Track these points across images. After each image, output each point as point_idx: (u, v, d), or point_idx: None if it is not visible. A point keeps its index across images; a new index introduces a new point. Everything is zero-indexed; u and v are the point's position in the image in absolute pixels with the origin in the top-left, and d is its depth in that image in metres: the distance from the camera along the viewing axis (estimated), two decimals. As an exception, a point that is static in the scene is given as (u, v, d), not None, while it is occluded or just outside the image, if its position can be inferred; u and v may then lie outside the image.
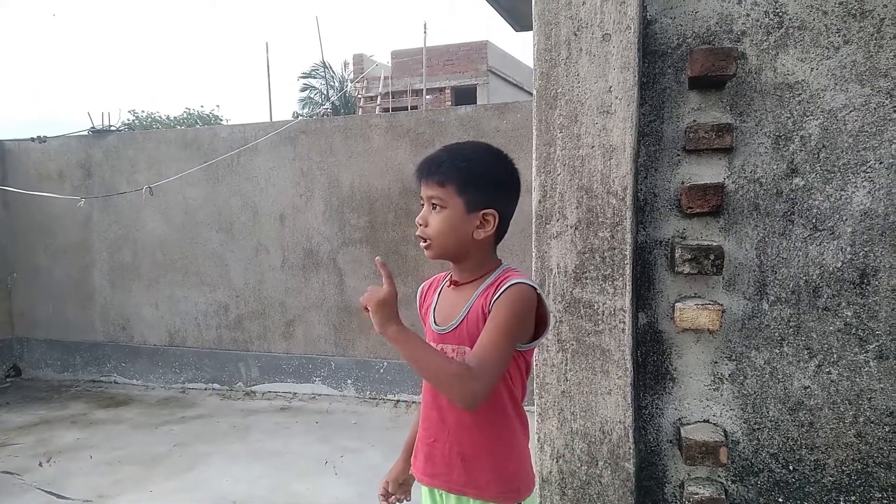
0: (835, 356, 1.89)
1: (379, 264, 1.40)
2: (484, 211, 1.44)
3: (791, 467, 1.96)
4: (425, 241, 1.45)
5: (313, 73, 27.40)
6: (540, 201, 1.95)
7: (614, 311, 1.91)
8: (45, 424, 4.29)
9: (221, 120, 26.13)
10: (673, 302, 2.00)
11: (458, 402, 1.33)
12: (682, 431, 1.98)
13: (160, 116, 24.81)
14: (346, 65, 33.71)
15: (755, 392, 1.97)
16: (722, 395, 2.00)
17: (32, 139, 5.39)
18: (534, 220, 1.98)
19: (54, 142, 5.39)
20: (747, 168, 1.93)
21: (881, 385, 1.86)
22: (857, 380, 1.88)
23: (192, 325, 4.95)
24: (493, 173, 1.48)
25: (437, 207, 1.44)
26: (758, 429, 1.98)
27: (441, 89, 18.46)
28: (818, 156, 1.86)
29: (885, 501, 1.88)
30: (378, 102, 18.98)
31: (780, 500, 1.97)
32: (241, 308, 4.80)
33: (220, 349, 4.92)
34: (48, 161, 5.38)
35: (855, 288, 1.86)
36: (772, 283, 1.93)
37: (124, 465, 3.33)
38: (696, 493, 1.92)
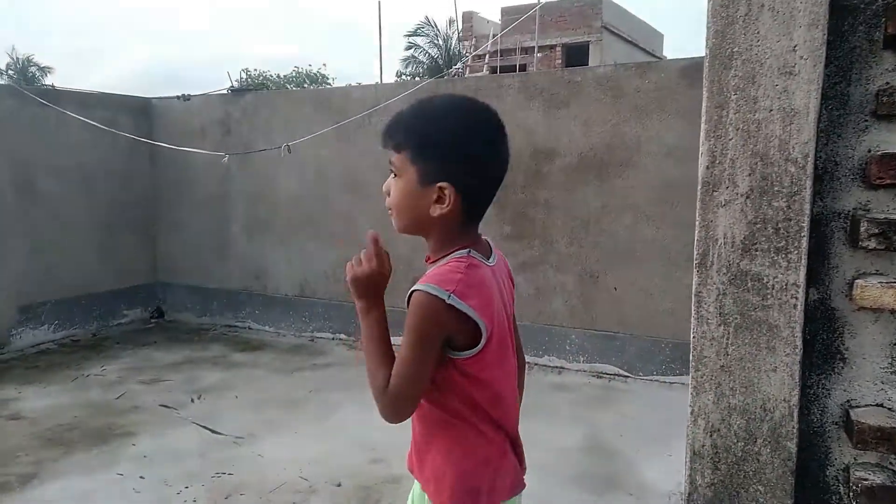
0: None
1: (370, 239, 1.36)
2: (439, 184, 1.27)
3: (978, 461, 1.87)
4: (390, 210, 1.38)
5: (418, 31, 27.56)
6: (707, 167, 1.93)
7: (786, 285, 1.88)
8: (190, 364, 4.81)
9: (328, 79, 27.00)
10: (850, 278, 1.93)
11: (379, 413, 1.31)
12: (851, 414, 1.94)
13: (271, 76, 25.93)
14: (450, 22, 33.82)
15: (941, 378, 1.88)
16: (900, 380, 1.93)
17: (177, 97, 5.90)
18: (699, 188, 1.97)
19: (196, 100, 5.86)
20: (950, 135, 1.80)
21: None
22: None
23: (322, 278, 5.31)
24: (454, 138, 1.26)
25: (395, 175, 1.33)
26: (940, 418, 1.89)
27: (552, 47, 17.98)
28: None
29: None
30: (486, 61, 18.80)
31: (962, 494, 1.89)
32: (367, 265, 5.07)
33: (347, 302, 5.25)
34: (191, 118, 5.87)
35: None
36: (970, 263, 1.82)
37: (268, 406, 3.71)
38: (866, 480, 1.88)
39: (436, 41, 27.89)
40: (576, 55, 17.99)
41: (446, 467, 1.35)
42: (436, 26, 27.64)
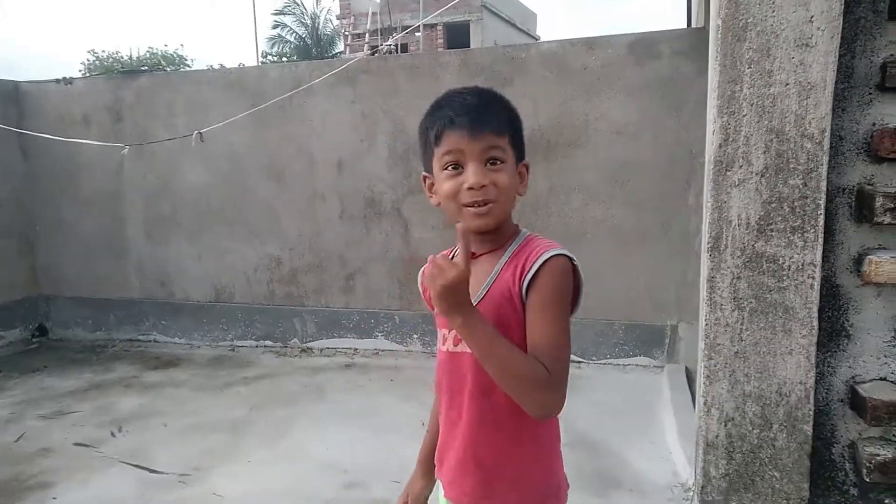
0: None
1: (461, 232, 1.11)
2: (522, 164, 1.26)
3: (976, 427, 1.96)
4: (488, 207, 1.17)
5: (285, 10, 26.96)
6: (720, 146, 1.88)
7: (802, 265, 1.87)
8: (96, 389, 4.30)
9: (187, 60, 25.78)
10: (855, 254, 1.96)
11: (533, 412, 1.12)
12: (860, 390, 1.97)
13: (123, 57, 24.17)
14: (318, 0, 33.62)
15: (941, 349, 1.96)
16: (903, 353, 1.98)
17: (57, 81, 5.24)
18: (711, 167, 1.92)
19: (79, 84, 5.24)
20: (950, 107, 1.85)
21: None
22: None
23: (241, 279, 4.94)
24: (519, 118, 1.28)
25: (498, 162, 1.18)
26: (941, 387, 1.97)
27: (433, 26, 18.05)
28: None
29: None
30: (367, 40, 18.75)
31: (962, 460, 1.98)
32: (295, 261, 4.77)
33: (272, 305, 4.93)
34: (71, 104, 5.24)
35: None
36: (969, 233, 1.89)
37: (206, 432, 3.35)
38: (878, 455, 1.92)
39: (303, 20, 27.44)
40: (457, 35, 18.15)
41: (536, 468, 1.26)
42: (302, 5, 27.25)
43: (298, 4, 27.31)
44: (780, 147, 1.84)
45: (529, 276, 1.15)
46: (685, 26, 4.72)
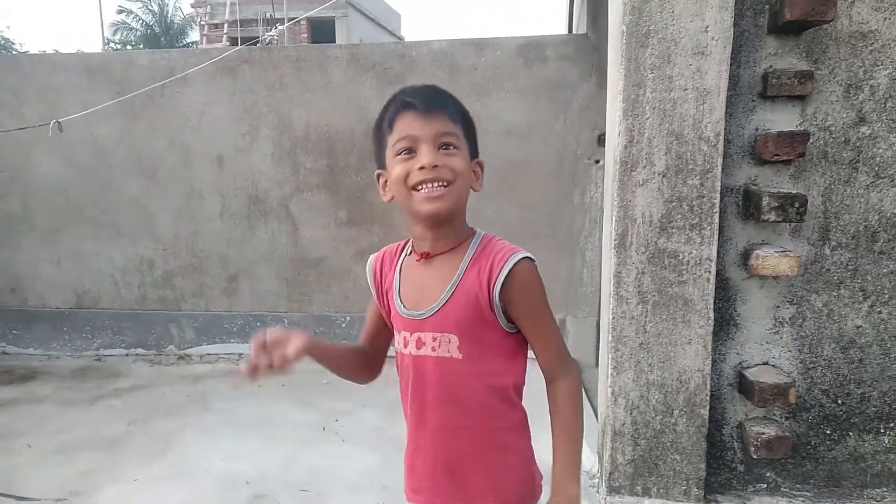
0: (886, 296, 2.11)
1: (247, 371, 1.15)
2: (476, 161, 1.22)
3: (840, 401, 2.19)
4: (444, 189, 1.13)
5: None
6: (626, 147, 1.96)
7: (700, 260, 1.99)
8: (-65, 410, 3.75)
9: (15, 45, 23.46)
10: (742, 249, 2.12)
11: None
12: (748, 375, 2.14)
13: None
14: None
15: (812, 333, 2.16)
16: (781, 339, 2.17)
17: None
18: (616, 167, 1.99)
19: None
20: (819, 116, 2.05)
21: (924, 322, 2.11)
22: (904, 318, 2.12)
23: (108, 283, 4.49)
24: (471, 120, 1.25)
25: (451, 147, 1.15)
26: (812, 367, 2.18)
27: (295, 19, 17.71)
28: (885, 105, 2.02)
29: (919, 426, 2.17)
30: (226, 31, 18.11)
31: (828, 432, 2.21)
32: (170, 263, 4.42)
33: (143, 309, 4.53)
34: None
35: (909, 232, 2.07)
36: (834, 229, 2.10)
37: (80, 451, 2.99)
38: (763, 433, 2.10)
39: (150, 7, 25.96)
40: (321, 30, 17.83)
41: (510, 472, 1.25)
42: None
43: None
44: (679, 149, 1.94)
45: (500, 283, 1.14)
46: (566, 32, 4.92)
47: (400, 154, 1.15)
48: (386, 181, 1.21)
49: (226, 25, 18.44)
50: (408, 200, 1.15)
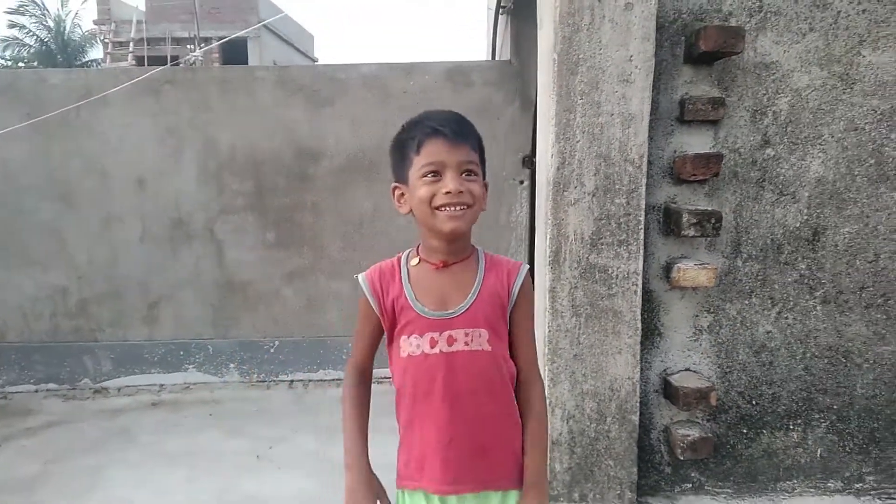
0: (791, 303, 2.30)
1: None
2: (485, 181, 1.35)
3: (754, 402, 2.36)
4: (464, 209, 1.26)
5: (21, 8, 24.18)
6: (558, 168, 2.06)
7: (628, 274, 2.11)
8: None
9: None
10: (664, 263, 2.26)
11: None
12: (672, 381, 2.27)
13: None
14: (62, 2, 30.75)
15: (728, 340, 2.32)
16: (701, 345, 2.32)
17: None
18: (550, 188, 2.08)
19: None
20: (729, 139, 2.22)
21: (824, 325, 2.31)
22: (807, 322, 2.31)
23: (15, 314, 4.19)
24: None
25: (472, 174, 1.28)
26: (729, 371, 2.34)
27: (207, 40, 17.41)
28: (786, 129, 2.22)
29: (822, 421, 2.36)
30: (131, 49, 17.59)
31: (745, 431, 2.37)
32: (84, 291, 4.18)
33: (55, 342, 4.25)
34: None
35: (808, 244, 2.28)
36: (745, 243, 2.27)
37: (-8, 495, 2.78)
38: (688, 436, 2.23)
39: (44, 22, 24.73)
40: (233, 51, 17.55)
41: (516, 436, 1.39)
42: (44, 6, 24.54)
43: (39, 5, 24.34)
44: (607, 170, 2.06)
45: (518, 283, 1.35)
46: (488, 58, 5.08)
47: (426, 176, 1.26)
48: (402, 194, 1.32)
49: (132, 44, 17.79)
50: (430, 218, 1.28)
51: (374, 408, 1.45)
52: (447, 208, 1.25)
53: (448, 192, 1.24)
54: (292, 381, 4.26)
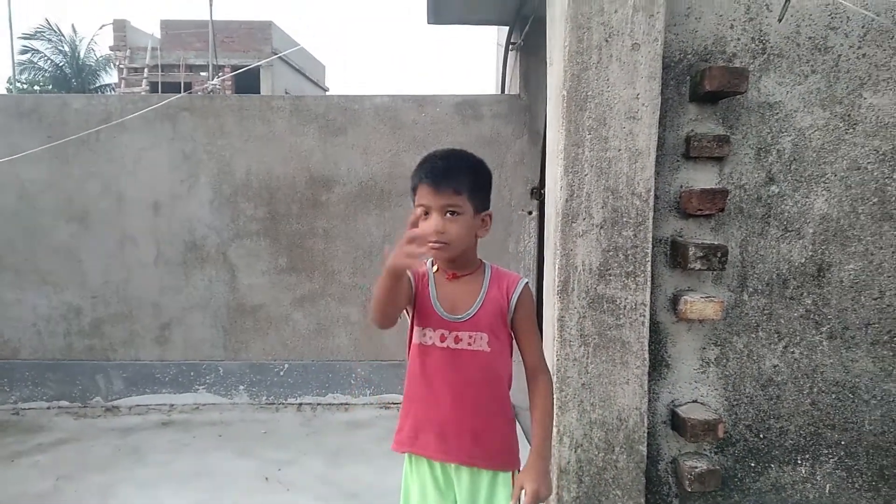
0: (797, 338, 2.32)
1: None
2: (484, 213, 1.63)
3: (761, 435, 2.36)
4: (442, 245, 1.53)
5: (37, 34, 24.68)
6: (567, 200, 2.11)
7: (636, 305, 2.14)
8: None
9: None
10: (671, 295, 2.29)
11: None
12: (679, 412, 2.28)
13: None
14: (75, 28, 31.70)
15: (735, 373, 2.34)
16: (708, 378, 2.34)
17: None
18: (559, 219, 2.13)
19: None
20: (734, 175, 2.27)
21: (830, 360, 2.33)
22: (814, 357, 2.33)
23: (30, 332, 4.24)
24: (487, 178, 1.66)
25: (455, 214, 1.55)
26: (736, 404, 2.35)
27: (221, 67, 17.72)
28: (790, 167, 2.27)
29: (830, 456, 2.36)
30: (146, 75, 17.98)
31: (752, 464, 2.37)
32: (99, 311, 4.23)
33: (69, 360, 4.30)
34: None
35: (814, 280, 2.30)
36: (751, 277, 2.30)
37: (7, 512, 2.80)
38: (696, 468, 2.23)
39: (60, 47, 25.21)
40: (246, 79, 17.88)
41: (514, 436, 1.69)
42: (59, 31, 25.03)
43: (56, 31, 24.84)
44: (615, 203, 2.10)
45: (516, 295, 1.61)
46: (497, 92, 5.18)
47: (420, 213, 1.54)
48: None
49: (146, 70, 18.19)
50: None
51: (383, 431, 1.54)
52: (432, 242, 1.51)
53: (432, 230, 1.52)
54: (301, 404, 4.28)
